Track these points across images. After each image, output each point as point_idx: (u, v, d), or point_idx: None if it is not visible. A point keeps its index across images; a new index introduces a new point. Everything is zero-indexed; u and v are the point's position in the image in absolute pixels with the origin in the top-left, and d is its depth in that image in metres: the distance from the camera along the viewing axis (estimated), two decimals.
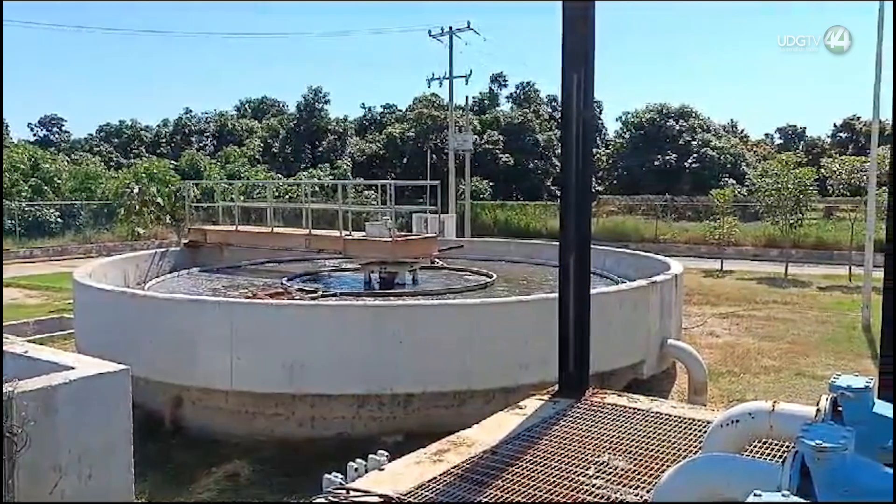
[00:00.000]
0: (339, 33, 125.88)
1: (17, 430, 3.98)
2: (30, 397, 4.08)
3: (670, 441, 3.87)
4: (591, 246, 4.95)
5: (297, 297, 10.59)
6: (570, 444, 3.81)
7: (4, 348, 5.22)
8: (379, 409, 7.93)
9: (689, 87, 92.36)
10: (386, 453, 3.45)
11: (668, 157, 45.45)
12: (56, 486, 4.23)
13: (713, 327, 13.99)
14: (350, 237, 13.06)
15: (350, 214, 13.73)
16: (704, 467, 2.69)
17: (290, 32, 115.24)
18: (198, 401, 8.37)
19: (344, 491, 3.02)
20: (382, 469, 3.37)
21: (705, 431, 3.86)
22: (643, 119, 48.52)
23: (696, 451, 3.54)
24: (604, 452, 3.69)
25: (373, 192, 35.48)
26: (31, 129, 58.23)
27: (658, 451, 3.74)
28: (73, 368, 4.61)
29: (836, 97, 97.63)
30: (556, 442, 3.84)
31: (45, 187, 34.87)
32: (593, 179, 34.74)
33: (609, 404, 4.51)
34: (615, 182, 48.54)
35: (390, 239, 12.50)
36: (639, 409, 4.41)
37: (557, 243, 5.06)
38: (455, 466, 3.46)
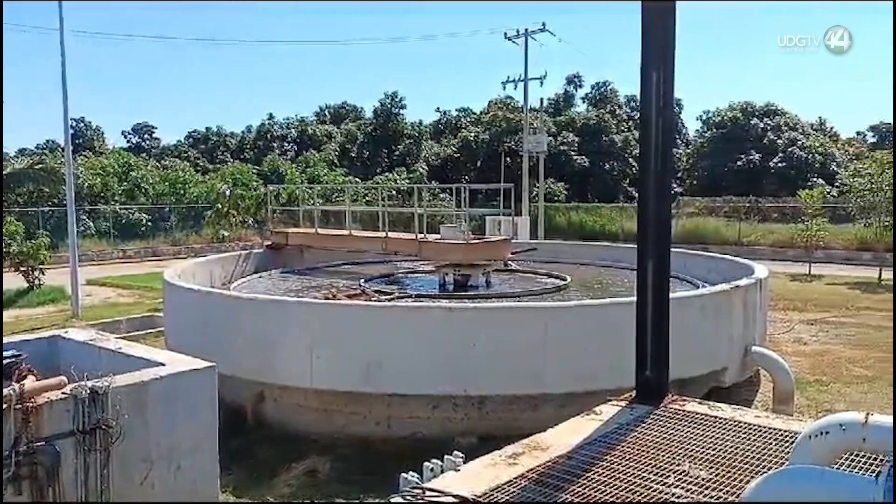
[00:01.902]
0: (418, 37, 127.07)
1: (112, 423, 4.20)
2: (123, 392, 4.30)
3: (754, 452, 3.74)
4: (671, 249, 4.83)
5: (374, 299, 10.77)
6: (647, 452, 3.73)
7: (100, 345, 5.53)
8: (453, 411, 7.98)
9: (775, 84, 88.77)
10: (461, 454, 3.47)
11: (751, 157, 43.87)
12: (147, 477, 4.44)
13: (800, 334, 13.41)
14: (425, 240, 13.18)
15: (425, 217, 13.85)
16: (792, 479, 2.59)
17: (368, 39, 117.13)
18: (279, 398, 8.63)
19: (420, 490, 3.06)
20: (458, 470, 3.39)
21: (791, 443, 3.71)
22: (725, 118, 47.00)
23: (782, 463, 3.41)
24: (683, 461, 3.60)
25: (447, 195, 35.71)
26: (125, 136, 61.31)
27: (741, 461, 3.62)
28: (163, 365, 4.83)
29: None
30: (633, 449, 3.77)
31: (137, 191, 36.67)
32: (673, 180, 33.92)
33: (689, 412, 4.39)
34: (695, 183, 47.18)
35: (464, 241, 12.55)
36: (720, 418, 4.27)
37: (634, 246, 4.97)
38: (530, 470, 3.45)
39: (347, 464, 7.48)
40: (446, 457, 3.45)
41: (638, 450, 3.76)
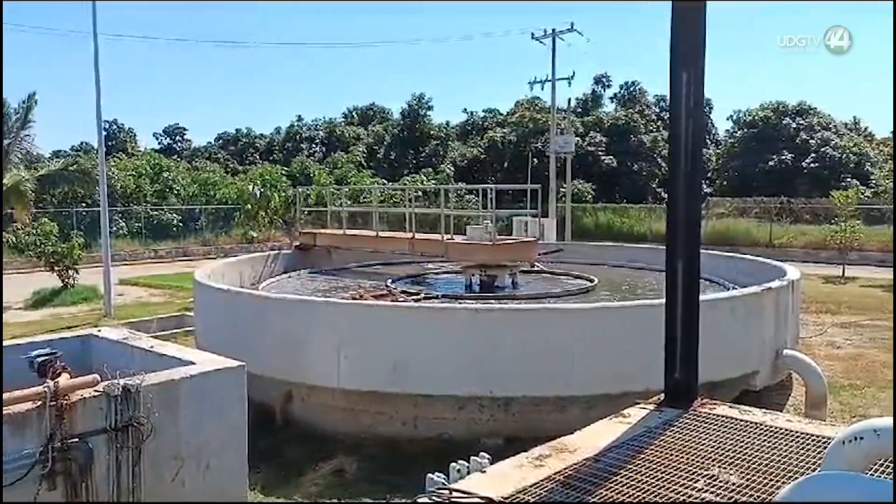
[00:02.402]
0: (445, 39, 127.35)
1: (144, 420, 4.27)
2: (154, 390, 4.37)
3: (786, 457, 3.68)
4: (700, 250, 4.77)
5: (401, 299, 10.81)
6: (677, 456, 3.69)
7: (133, 344, 5.62)
8: (479, 412, 7.97)
9: (808, 83, 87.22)
10: (488, 455, 3.46)
11: (783, 157, 43.18)
12: (177, 474, 4.51)
13: (833, 337, 13.16)
14: (451, 241, 13.19)
15: (451, 218, 13.87)
16: (824, 485, 2.54)
17: (397, 40, 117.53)
18: (306, 397, 8.69)
19: (447, 491, 3.06)
20: (484, 471, 3.38)
21: (824, 448, 3.64)
22: (757, 117, 46.32)
23: (814, 469, 3.35)
24: (714, 465, 3.55)
25: (473, 195, 35.67)
26: (156, 138, 62.40)
27: (772, 466, 3.56)
28: (193, 364, 4.89)
29: None
30: (662, 452, 3.74)
31: (168, 192, 37.23)
32: (702, 181, 33.42)
33: (719, 416, 4.33)
34: (725, 183, 46.57)
35: (490, 242, 12.53)
36: (751, 422, 4.21)
37: (662, 247, 4.92)
38: (557, 472, 3.43)
39: (374, 464, 7.51)
40: (472, 458, 3.44)
41: (667, 453, 3.72)
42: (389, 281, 12.95)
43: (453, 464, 3.40)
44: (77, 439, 4.01)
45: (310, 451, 7.85)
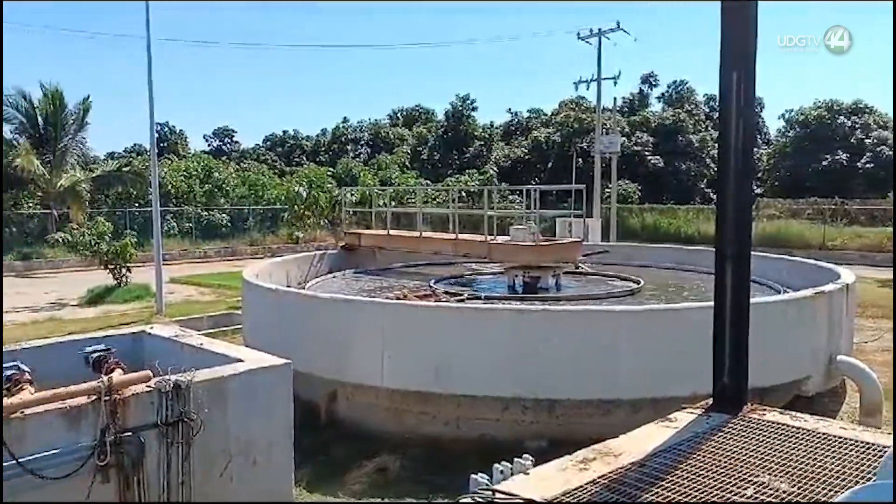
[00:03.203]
0: (490, 39, 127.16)
1: (194, 415, 4.36)
2: (204, 386, 4.46)
3: (839, 465, 3.58)
4: (751, 252, 4.67)
5: (444, 299, 10.83)
6: (725, 462, 3.62)
7: (183, 341, 5.76)
8: (522, 413, 7.93)
9: (864, 81, 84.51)
10: (531, 457, 3.45)
11: (837, 157, 41.93)
12: (226, 469, 4.59)
13: (890, 343, 12.71)
14: (495, 241, 13.16)
15: (495, 219, 13.84)
16: (880, 494, 2.46)
17: (441, 42, 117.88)
18: (351, 396, 8.78)
19: (490, 492, 3.06)
20: (527, 473, 3.37)
21: (879, 456, 3.54)
22: (809, 116, 45.08)
23: (869, 478, 3.25)
24: (763, 473, 3.47)
25: (517, 196, 35.53)
26: (206, 140, 63.77)
27: (825, 474, 3.46)
28: (241, 361, 4.98)
29: None
30: (709, 458, 3.67)
31: (218, 193, 38.04)
32: (753, 181, 32.39)
33: (769, 422, 4.23)
34: (777, 184, 45.43)
35: (534, 243, 12.47)
36: (803, 429, 4.10)
37: (711, 249, 4.83)
38: (601, 476, 3.40)
39: (417, 463, 7.54)
40: (516, 460, 3.43)
41: (715, 459, 3.65)
42: (433, 281, 12.98)
43: (497, 465, 3.39)
44: (129, 433, 4.12)
45: (354, 449, 7.92)
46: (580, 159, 39.38)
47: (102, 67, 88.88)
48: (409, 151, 51.85)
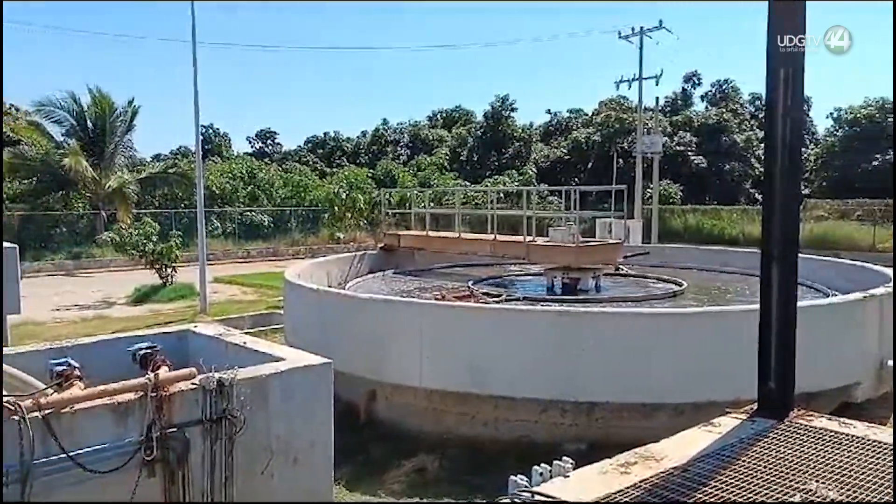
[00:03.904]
0: (531, 40, 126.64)
1: (237, 413, 4.43)
2: (246, 384, 4.52)
3: (890, 473, 3.46)
4: (798, 254, 4.56)
5: (482, 300, 10.81)
6: (771, 468, 3.53)
7: (227, 339, 5.85)
8: (561, 416, 7.88)
9: None
10: (571, 460, 3.41)
11: (888, 157, 40.65)
12: (267, 466, 4.65)
13: None
14: (534, 242, 13.10)
15: (534, 220, 13.77)
16: None
17: (481, 42, 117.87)
18: (390, 396, 8.82)
19: (529, 494, 3.04)
20: (567, 476, 3.34)
21: None
22: (860, 115, 43.81)
23: None
24: (810, 479, 3.38)
25: (556, 197, 35.29)
26: (249, 142, 64.74)
27: (875, 483, 3.36)
28: (283, 360, 5.03)
29: None
30: (754, 464, 3.58)
31: (260, 194, 38.64)
32: (801, 181, 31.58)
33: (817, 428, 4.12)
34: (825, 184, 44.25)
35: (574, 245, 12.37)
36: (852, 436, 3.98)
37: (756, 250, 4.74)
38: (643, 480, 3.34)
39: (455, 464, 7.55)
40: (556, 462, 3.40)
41: (760, 465, 3.57)
42: (471, 282, 12.98)
43: (536, 467, 3.37)
44: (175, 429, 4.20)
45: (392, 449, 7.97)
46: (621, 160, 38.92)
47: (149, 71, 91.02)
48: (448, 153, 51.92)
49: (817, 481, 3.37)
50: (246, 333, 6.54)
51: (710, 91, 52.64)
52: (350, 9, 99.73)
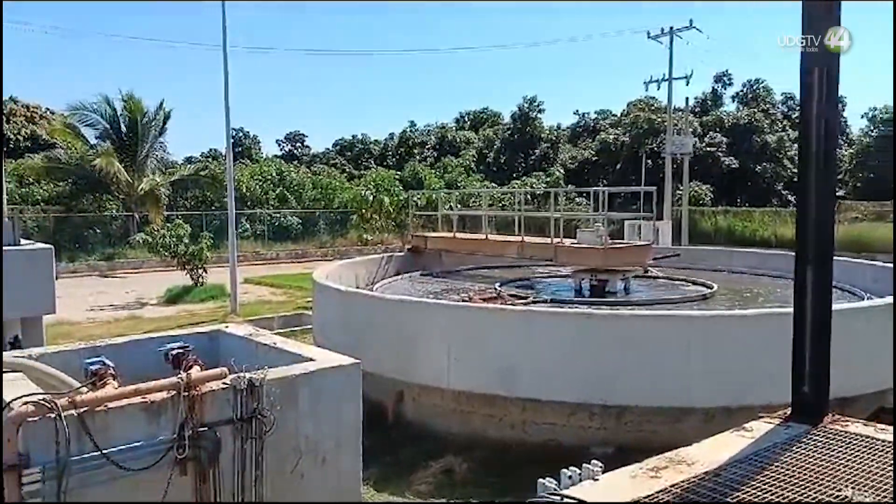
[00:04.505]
0: (558, 41, 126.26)
1: (267, 412, 4.47)
2: (276, 384, 4.56)
3: None
4: (833, 256, 4.47)
5: (510, 302, 10.79)
6: (804, 474, 3.47)
7: (257, 339, 5.91)
8: (590, 419, 7.83)
9: None
10: (600, 464, 3.39)
11: None
12: (296, 466, 4.69)
13: None
14: (561, 244, 13.04)
15: (561, 221, 13.70)
16: None
17: (509, 44, 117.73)
18: (418, 397, 8.84)
19: (558, 497, 3.03)
20: (597, 479, 3.31)
21: None
22: None
23: None
24: (845, 486, 3.32)
25: (584, 198, 35.07)
26: (278, 145, 65.32)
27: None
28: (312, 360, 5.07)
29: None
30: (788, 470, 3.53)
31: (289, 196, 38.99)
32: (835, 183, 30.95)
33: (852, 433, 4.04)
34: (859, 185, 43.40)
35: (602, 246, 12.28)
36: (889, 442, 3.90)
37: (788, 252, 4.66)
38: (674, 485, 3.31)
39: (483, 465, 7.54)
40: (585, 465, 3.38)
41: (793, 471, 3.51)
42: (498, 284, 12.95)
43: (564, 470, 3.35)
44: (206, 428, 4.25)
45: (420, 450, 7.98)
46: (650, 161, 38.56)
47: (181, 75, 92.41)
48: (475, 154, 51.90)
49: (852, 488, 3.31)
50: (276, 334, 6.60)
51: (741, 91, 51.91)
52: (378, 10, 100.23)
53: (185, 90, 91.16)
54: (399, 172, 43.05)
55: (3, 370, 4.58)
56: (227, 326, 6.51)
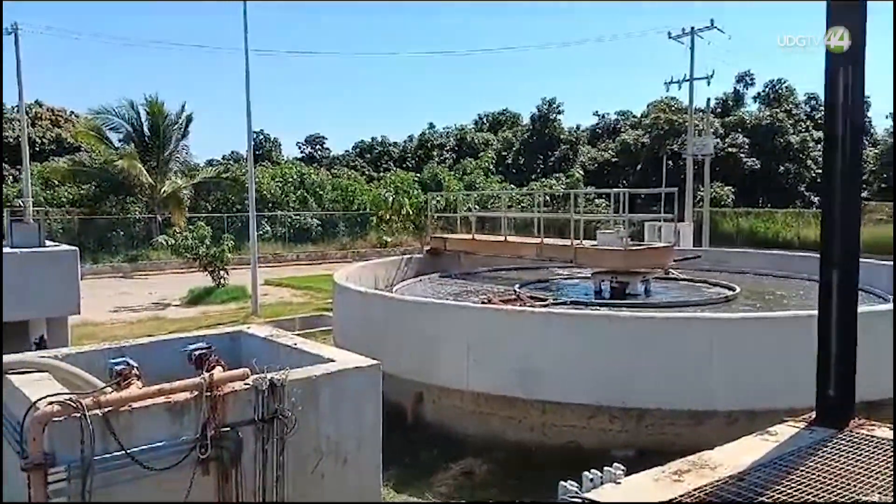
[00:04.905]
0: (578, 41, 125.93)
1: (288, 413, 4.50)
2: (297, 385, 4.58)
3: None
4: (859, 258, 4.41)
5: (529, 304, 10.76)
6: (829, 479, 3.43)
7: (278, 340, 5.95)
8: (610, 422, 7.78)
9: None
10: (622, 467, 3.37)
11: None
12: (317, 466, 4.71)
13: None
14: (581, 246, 12.98)
15: (581, 223, 13.64)
16: None
17: (531, 45, 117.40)
18: (437, 399, 8.85)
19: (580, 500, 3.01)
20: (618, 482, 3.29)
21: None
22: None
23: None
24: (872, 492, 3.27)
25: (604, 200, 34.89)
26: (299, 147, 65.66)
27: None
28: (333, 361, 5.09)
29: None
30: (813, 475, 3.48)
31: (309, 198, 39.21)
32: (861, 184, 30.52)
33: (879, 438, 3.98)
34: (884, 186, 42.73)
35: (622, 248, 12.21)
36: None
37: (811, 254, 4.61)
38: (696, 489, 3.28)
39: (502, 467, 7.52)
40: (606, 468, 3.36)
41: (818, 476, 3.47)
42: (517, 286, 12.93)
43: (586, 473, 3.34)
44: (228, 429, 4.29)
45: (440, 451, 7.99)
46: (670, 161, 38.26)
47: (204, 78, 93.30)
48: (494, 156, 51.85)
49: (879, 493, 3.26)
50: (296, 335, 6.63)
51: (764, 91, 51.36)
52: (395, 11, 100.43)
53: (207, 93, 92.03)
54: (418, 174, 43.11)
55: (30, 370, 4.66)
56: (248, 327, 6.56)
